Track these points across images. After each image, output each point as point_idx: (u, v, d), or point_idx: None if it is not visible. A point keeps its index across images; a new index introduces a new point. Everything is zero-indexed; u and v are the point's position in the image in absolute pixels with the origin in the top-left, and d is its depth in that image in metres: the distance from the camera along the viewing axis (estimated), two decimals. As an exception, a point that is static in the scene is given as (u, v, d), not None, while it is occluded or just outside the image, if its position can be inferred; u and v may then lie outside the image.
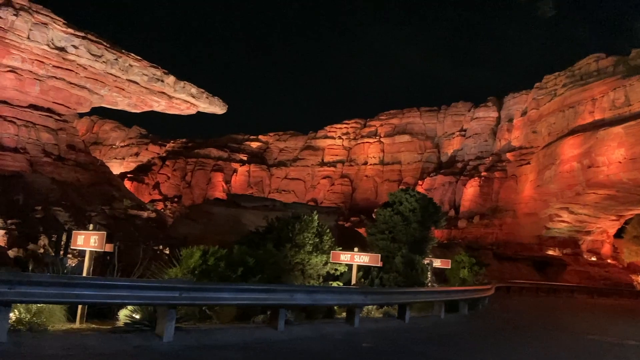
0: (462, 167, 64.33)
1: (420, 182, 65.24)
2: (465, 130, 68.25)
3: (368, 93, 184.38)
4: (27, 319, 7.95)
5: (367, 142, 74.27)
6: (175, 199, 68.79)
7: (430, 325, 14.84)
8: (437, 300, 17.05)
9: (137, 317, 9.07)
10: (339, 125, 79.20)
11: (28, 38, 30.29)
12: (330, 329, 11.80)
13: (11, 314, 7.51)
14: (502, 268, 42.15)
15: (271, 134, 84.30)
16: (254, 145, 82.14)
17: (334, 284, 15.42)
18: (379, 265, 16.24)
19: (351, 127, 78.23)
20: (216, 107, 43.43)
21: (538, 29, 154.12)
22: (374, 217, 20.58)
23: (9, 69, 30.79)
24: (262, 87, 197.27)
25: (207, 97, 41.84)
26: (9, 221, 25.25)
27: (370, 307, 14.57)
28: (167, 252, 21.40)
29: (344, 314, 13.17)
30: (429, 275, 20.11)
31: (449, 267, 23.84)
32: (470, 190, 59.16)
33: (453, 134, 69.59)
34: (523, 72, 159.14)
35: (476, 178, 59.57)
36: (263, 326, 10.76)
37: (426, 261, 19.73)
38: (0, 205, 26.35)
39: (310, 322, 12.19)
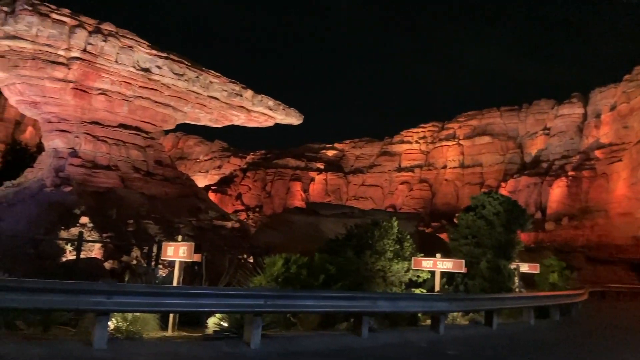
0: (547, 167, 61.68)
1: (503, 184, 63.17)
2: (549, 129, 65.46)
3: (444, 95, 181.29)
4: (124, 327, 8.40)
5: (445, 145, 72.86)
6: (257, 209, 70.51)
7: (520, 332, 14.31)
8: (526, 306, 16.42)
9: (225, 324, 9.36)
10: (415, 130, 78.25)
11: (116, 61, 32.16)
12: (414, 337, 11.65)
13: (110, 323, 7.98)
14: (596, 271, 39.94)
15: (347, 142, 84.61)
16: (330, 153, 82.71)
17: (417, 291, 15.21)
18: (463, 271, 15.85)
19: (428, 130, 77.07)
20: (292, 118, 44.13)
21: (624, 18, 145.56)
22: (456, 222, 20.14)
23: (100, 91, 32.79)
24: (335, 95, 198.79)
25: (283, 109, 42.61)
26: (104, 235, 26.81)
27: (455, 314, 14.25)
28: (251, 260, 21.95)
29: (429, 321, 12.96)
30: (516, 281, 19.40)
31: (538, 272, 22.85)
32: (557, 191, 56.57)
33: (536, 133, 66.93)
34: (608, 66, 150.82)
35: (563, 178, 56.89)
36: (347, 333, 10.79)
37: (513, 266, 19.04)
38: (95, 220, 28.05)
39: (394, 329, 12.09)
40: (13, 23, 28.69)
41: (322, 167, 78.97)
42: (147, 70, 33.33)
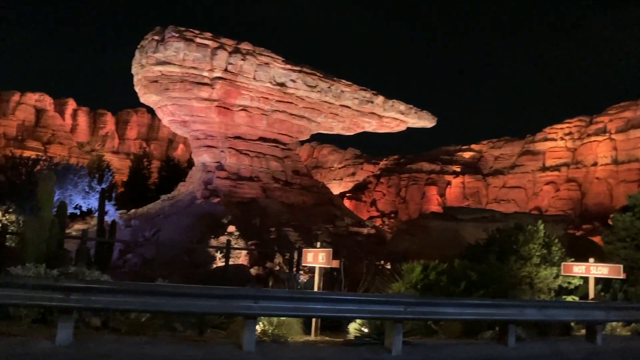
0: None
1: (665, 181, 56.80)
2: None
3: (591, 87, 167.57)
4: (270, 330, 8.77)
5: (595, 141, 67.18)
6: (392, 215, 70.25)
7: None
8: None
9: (366, 330, 9.40)
10: (559, 125, 73.04)
11: (254, 78, 33.99)
12: (567, 347, 10.82)
13: (257, 326, 8.37)
14: None
15: (484, 142, 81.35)
16: (467, 155, 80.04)
17: (568, 298, 14.14)
18: (621, 277, 14.46)
19: (574, 125, 71.56)
20: (425, 121, 43.47)
21: None
22: (611, 223, 18.47)
23: (240, 107, 34.84)
24: (470, 94, 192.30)
25: (415, 112, 42.13)
26: (249, 242, 28.32)
27: (614, 324, 13.02)
28: (388, 267, 21.87)
29: (583, 331, 11.98)
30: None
31: None
32: None
33: (703, 122, 59.43)
34: None
35: None
36: (492, 342, 10.32)
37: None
38: (241, 228, 29.74)
39: (544, 339, 11.33)
40: (163, 50, 31.52)
41: (458, 170, 76.68)
42: (282, 84, 34.78)
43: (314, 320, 9.68)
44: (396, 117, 41.17)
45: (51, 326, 7.78)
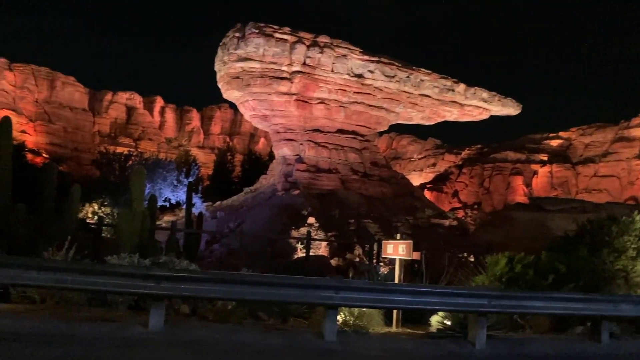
0: None
1: None
2: None
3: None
4: (351, 321, 8.83)
5: (698, 125, 62.26)
6: (475, 206, 68.36)
7: None
8: None
9: (448, 323, 9.26)
10: (657, 110, 68.15)
11: (332, 71, 34.12)
12: (669, 346, 10.13)
13: (338, 317, 8.46)
14: None
15: (573, 129, 77.30)
16: (554, 143, 76.41)
17: (669, 294, 13.20)
18: None
19: (674, 110, 66.56)
20: (510, 109, 41.94)
21: None
22: None
23: (319, 100, 35.11)
24: (558, 79, 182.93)
25: (499, 100, 40.74)
26: (329, 234, 28.57)
27: None
28: (472, 259, 21.38)
29: (686, 330, 11.16)
30: None
31: None
32: None
33: None
34: None
35: None
36: (582, 338, 9.85)
37: None
38: (320, 220, 30.05)
39: (642, 337, 10.67)
40: (244, 46, 32.32)
41: (545, 158, 73.35)
42: (360, 75, 34.69)
43: (394, 312, 9.64)
44: (479, 105, 40.01)
45: (144, 313, 8.23)
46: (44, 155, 56.51)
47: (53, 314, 7.97)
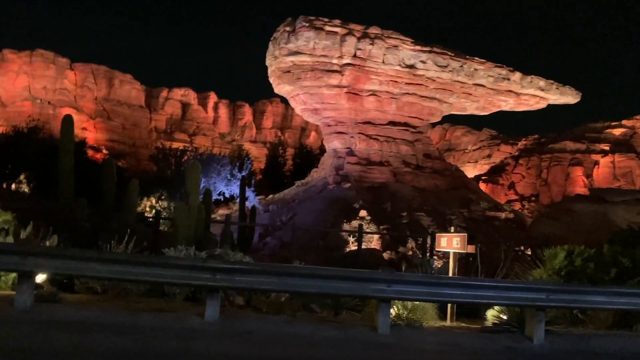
0: None
1: None
2: None
3: None
4: (404, 315, 8.76)
5: None
6: (532, 198, 66.46)
7: None
8: None
9: (504, 317, 9.06)
10: None
11: (383, 62, 33.84)
12: None
13: (391, 310, 8.40)
14: None
15: (638, 117, 73.92)
16: (617, 132, 73.28)
17: None
18: None
19: None
20: (568, 97, 40.48)
21: None
22: None
23: (370, 92, 34.91)
24: (619, 64, 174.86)
25: (557, 88, 39.39)
26: (381, 227, 28.44)
27: None
28: (529, 252, 20.83)
29: None
30: None
31: None
32: None
33: None
34: None
35: None
36: (649, 335, 9.43)
37: None
38: (372, 213, 29.94)
39: None
40: (294, 40, 32.48)
41: (607, 148, 70.46)
42: (411, 66, 34.26)
43: (449, 305, 9.51)
44: (535, 94, 38.81)
45: (200, 304, 8.43)
46: (104, 151, 58.66)
47: (115, 305, 8.27)
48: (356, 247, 21.62)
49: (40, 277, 8.46)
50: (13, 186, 28.08)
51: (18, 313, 7.17)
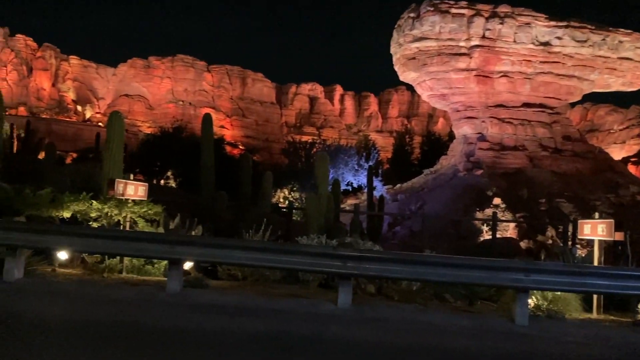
0: None
1: None
2: None
3: None
4: (544, 305, 8.32)
5: None
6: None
7: None
8: None
9: (661, 311, 8.26)
10: None
11: (514, 41, 32.13)
12: None
13: (529, 301, 8.01)
14: None
15: None
16: None
17: None
18: None
19: None
20: None
21: None
22: None
23: (501, 74, 33.32)
24: None
25: None
26: (517, 215, 27.14)
27: None
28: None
29: None
30: None
31: None
32: None
33: None
34: None
35: None
36: None
37: None
38: (507, 200, 28.66)
39: None
40: (419, 26, 31.94)
41: None
42: (546, 43, 32.20)
43: (595, 297, 8.85)
44: (696, 65, 34.67)
45: (333, 290, 8.65)
46: (240, 147, 62.10)
47: (254, 290, 8.76)
48: (490, 236, 20.89)
49: (187, 265, 9.18)
50: (162, 182, 30.72)
51: (169, 297, 7.85)
